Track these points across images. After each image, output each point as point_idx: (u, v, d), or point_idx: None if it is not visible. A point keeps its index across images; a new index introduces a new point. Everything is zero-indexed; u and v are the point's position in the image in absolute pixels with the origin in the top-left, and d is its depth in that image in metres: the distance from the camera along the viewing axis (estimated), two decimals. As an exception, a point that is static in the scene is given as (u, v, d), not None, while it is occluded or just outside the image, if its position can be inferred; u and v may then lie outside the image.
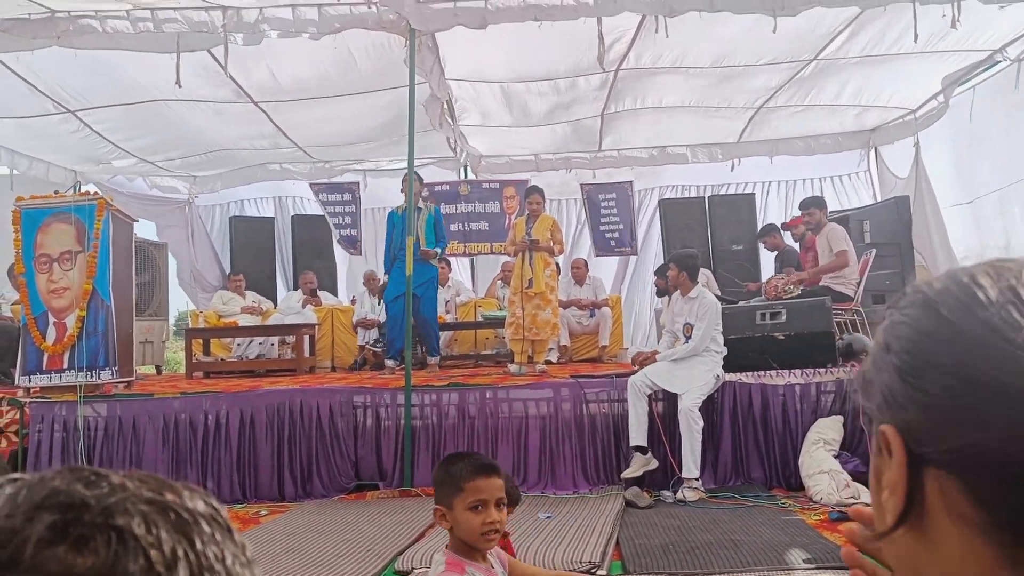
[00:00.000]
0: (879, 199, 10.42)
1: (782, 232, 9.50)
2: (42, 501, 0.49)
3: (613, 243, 11.46)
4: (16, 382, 6.96)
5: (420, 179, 8.17)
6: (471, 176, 11.32)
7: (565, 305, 9.17)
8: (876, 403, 0.66)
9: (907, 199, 9.15)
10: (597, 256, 11.42)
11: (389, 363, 8.06)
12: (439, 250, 8.03)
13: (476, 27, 6.14)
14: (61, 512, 0.48)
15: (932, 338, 0.62)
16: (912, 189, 9.29)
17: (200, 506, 0.54)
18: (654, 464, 5.93)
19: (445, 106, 7.97)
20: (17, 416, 6.52)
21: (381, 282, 8.82)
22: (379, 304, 9.52)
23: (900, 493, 0.62)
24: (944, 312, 0.62)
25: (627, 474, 5.91)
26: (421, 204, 8.05)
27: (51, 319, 6.76)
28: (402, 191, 7.87)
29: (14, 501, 0.49)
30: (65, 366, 6.70)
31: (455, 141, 9.28)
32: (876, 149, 10.59)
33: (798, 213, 8.34)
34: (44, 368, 6.72)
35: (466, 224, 11.06)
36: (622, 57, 7.48)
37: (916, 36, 6.22)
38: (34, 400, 6.60)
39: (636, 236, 11.54)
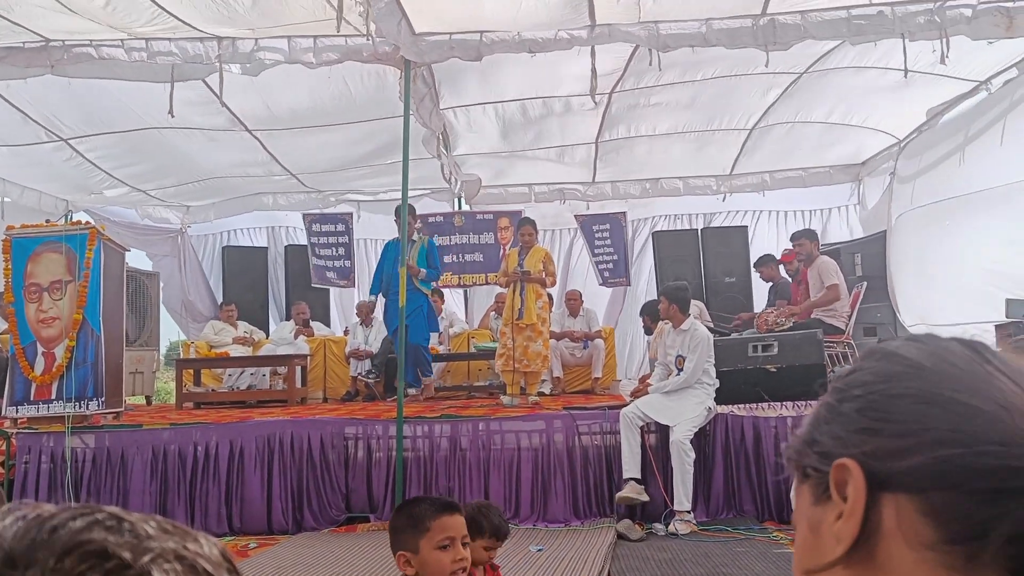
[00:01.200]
0: (866, 232, 10.48)
1: (778, 265, 9.53)
2: (71, 547, 0.47)
3: (607, 274, 11.48)
4: (3, 412, 6.90)
5: (413, 211, 8.28)
6: (465, 207, 11.34)
7: (558, 337, 9.15)
8: (825, 451, 0.69)
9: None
10: (601, 286, 11.44)
11: (411, 391, 8.19)
12: (424, 270, 8.19)
13: (471, 59, 6.18)
14: (91, 564, 0.47)
15: (898, 376, 0.67)
16: (885, 220, 9.37)
17: (218, 556, 0.54)
18: (645, 498, 5.88)
19: (440, 137, 8.00)
20: (4, 447, 6.45)
21: (370, 302, 9.10)
22: (370, 334, 9.52)
23: (857, 517, 0.64)
24: (910, 356, 0.68)
25: (621, 496, 5.84)
26: (415, 236, 8.23)
27: (40, 349, 6.72)
28: (396, 221, 7.99)
29: (32, 543, 0.47)
30: (53, 396, 6.64)
31: (450, 172, 9.31)
32: (863, 181, 10.68)
33: (790, 245, 8.37)
34: (32, 398, 6.66)
35: (460, 255, 11.07)
36: (616, 82, 7.52)
37: (906, 72, 6.28)
38: (21, 431, 6.54)
39: (630, 267, 11.56)
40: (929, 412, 0.63)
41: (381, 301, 8.68)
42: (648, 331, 8.78)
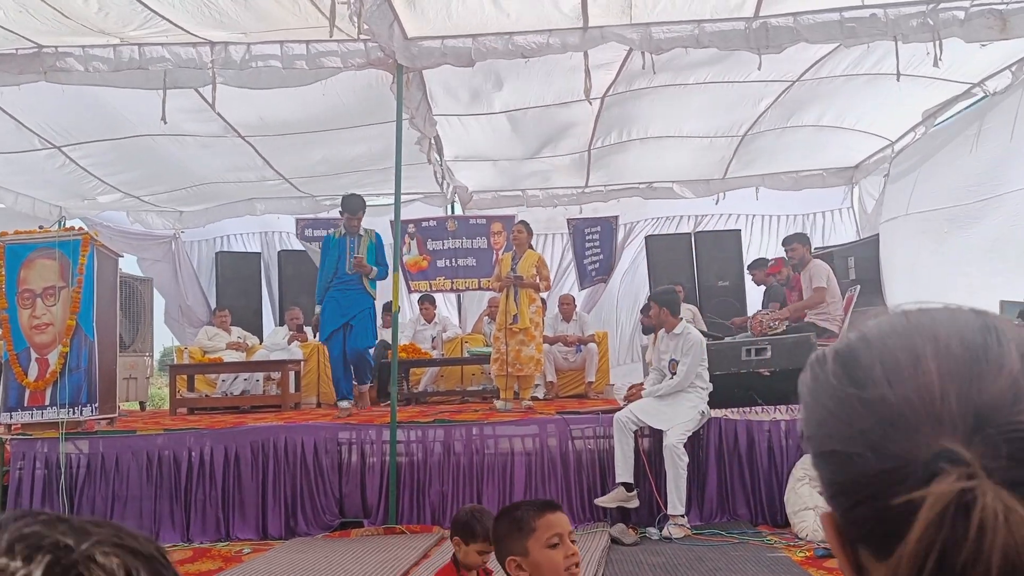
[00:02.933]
0: (862, 235, 10.51)
1: (767, 273, 9.54)
2: (17, 539, 0.51)
3: (594, 273, 11.57)
4: (-4, 419, 6.89)
5: (363, 204, 7.64)
6: (458, 211, 11.35)
7: (551, 341, 9.17)
8: (817, 473, 0.69)
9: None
10: (581, 289, 11.47)
11: (343, 404, 7.45)
12: (376, 269, 7.47)
13: (463, 65, 6.19)
14: (38, 550, 0.51)
15: (805, 425, 0.68)
16: (879, 223, 9.41)
17: (152, 548, 0.57)
18: (635, 503, 5.89)
19: (432, 142, 8.01)
20: (-3, 453, 6.44)
21: (317, 312, 7.72)
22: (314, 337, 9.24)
23: (848, 572, 0.65)
24: (804, 399, 0.68)
25: (601, 501, 5.87)
26: (362, 231, 7.58)
27: (33, 355, 6.71)
28: (341, 213, 7.56)
29: (7, 542, 0.51)
30: (47, 402, 6.63)
31: (442, 177, 9.32)
32: (858, 185, 10.72)
33: (783, 249, 8.39)
34: (25, 404, 6.65)
35: (453, 260, 11.07)
36: (610, 84, 7.53)
37: (898, 75, 6.30)
38: (15, 437, 6.53)
39: (613, 267, 11.61)
40: (823, 467, 0.64)
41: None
42: (646, 331, 8.80)
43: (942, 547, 0.54)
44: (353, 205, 7.54)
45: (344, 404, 7.46)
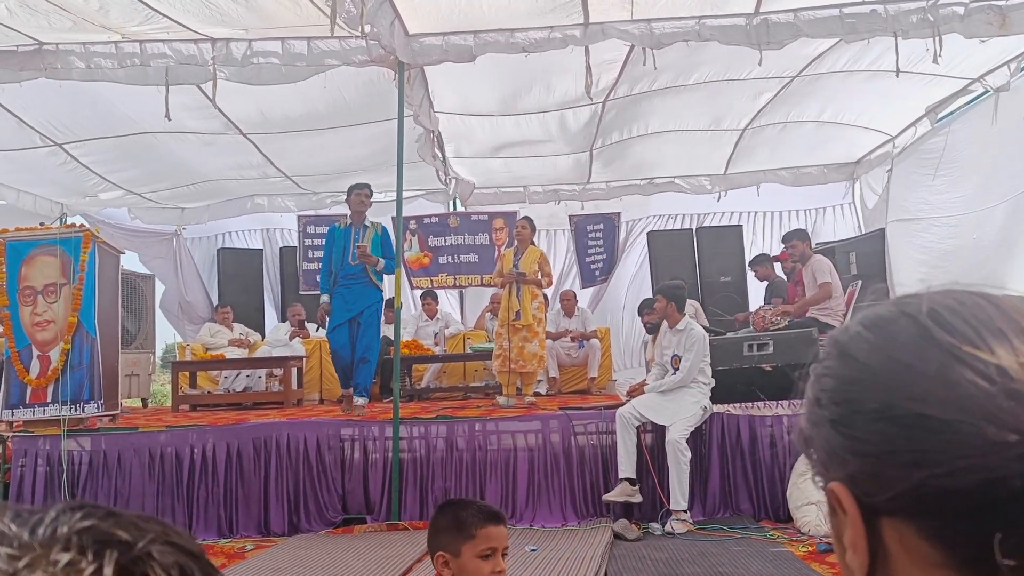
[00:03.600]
0: (864, 231, 10.49)
1: (774, 263, 9.54)
2: (99, 538, 0.50)
3: (597, 272, 11.55)
4: (-1, 416, 6.90)
5: (370, 192, 7.42)
6: (460, 208, 11.34)
7: (554, 337, 9.17)
8: (821, 460, 0.65)
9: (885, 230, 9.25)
10: (583, 288, 11.46)
11: (359, 401, 7.21)
12: (382, 260, 7.17)
13: (464, 61, 6.18)
14: (98, 547, 0.49)
15: (855, 385, 0.62)
16: (885, 218, 9.38)
17: (196, 545, 0.56)
18: (638, 498, 5.90)
19: (434, 139, 7.99)
20: (0, 451, 6.45)
21: (323, 303, 7.49)
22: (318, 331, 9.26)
23: (862, 550, 0.61)
24: (860, 357, 0.62)
25: (608, 496, 5.87)
26: (368, 222, 7.38)
27: (35, 352, 6.72)
28: (347, 201, 7.42)
29: (66, 536, 0.50)
30: (49, 400, 6.64)
31: (444, 173, 9.31)
32: (860, 181, 10.70)
33: (783, 247, 8.39)
34: (27, 402, 6.66)
35: (455, 256, 11.06)
36: (611, 87, 7.53)
37: (898, 71, 6.29)
38: (17, 434, 6.54)
39: (615, 266, 11.60)
40: (889, 432, 0.58)
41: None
42: (650, 330, 8.79)
43: None
44: (349, 191, 7.40)
45: (360, 401, 7.21)
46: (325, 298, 7.41)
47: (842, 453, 0.61)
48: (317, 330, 9.72)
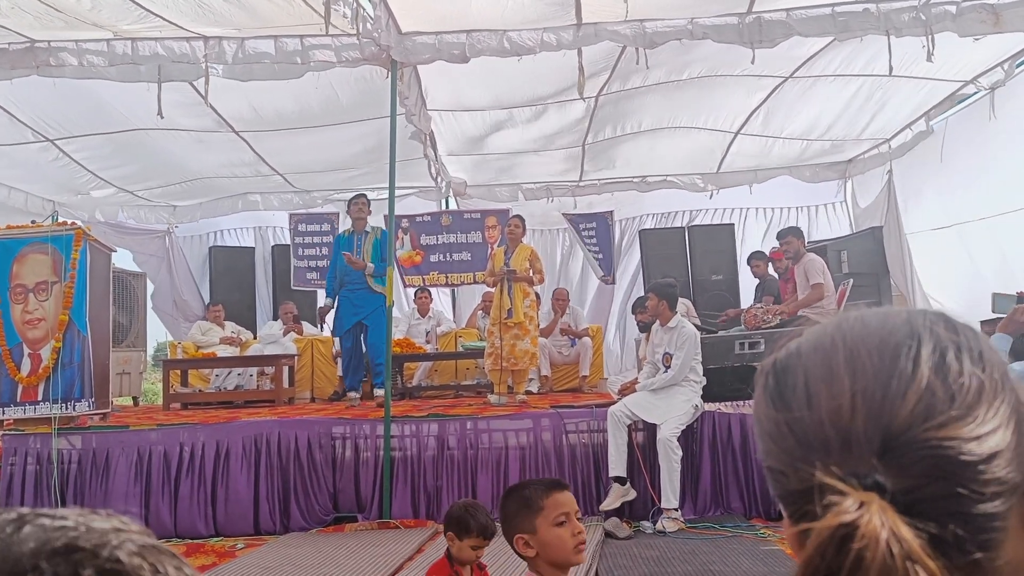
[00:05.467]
0: (856, 229, 10.52)
1: (767, 262, 9.56)
2: (58, 546, 0.52)
3: (601, 272, 11.56)
4: (-10, 414, 6.88)
5: (367, 201, 8.10)
6: (453, 206, 11.34)
7: (547, 332, 9.17)
8: None
9: (882, 229, 9.27)
10: (602, 279, 11.50)
11: (352, 395, 8.05)
12: (372, 265, 7.73)
13: (457, 61, 6.18)
14: (69, 560, 0.51)
15: (757, 437, 0.69)
16: (883, 218, 9.41)
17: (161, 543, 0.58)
18: (632, 494, 5.91)
19: (427, 137, 8.00)
20: (-10, 449, 6.43)
21: (324, 304, 8.34)
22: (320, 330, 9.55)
23: (794, 548, 0.65)
24: (755, 410, 0.71)
25: (605, 506, 5.88)
26: (368, 228, 7.96)
27: (26, 350, 6.70)
28: (348, 213, 7.97)
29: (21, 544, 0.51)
30: (40, 398, 6.62)
31: (437, 171, 9.31)
32: (852, 179, 10.73)
33: (777, 244, 8.40)
34: (18, 400, 6.64)
35: (448, 254, 11.05)
36: (604, 83, 7.53)
37: (891, 69, 6.31)
38: (7, 432, 6.52)
39: (616, 266, 11.61)
40: (768, 476, 0.67)
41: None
42: (642, 328, 8.81)
43: None
44: (349, 202, 7.99)
45: (353, 394, 8.01)
46: (328, 301, 8.00)
47: None
48: (321, 329, 9.75)
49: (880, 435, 0.57)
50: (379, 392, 7.75)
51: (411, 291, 11.12)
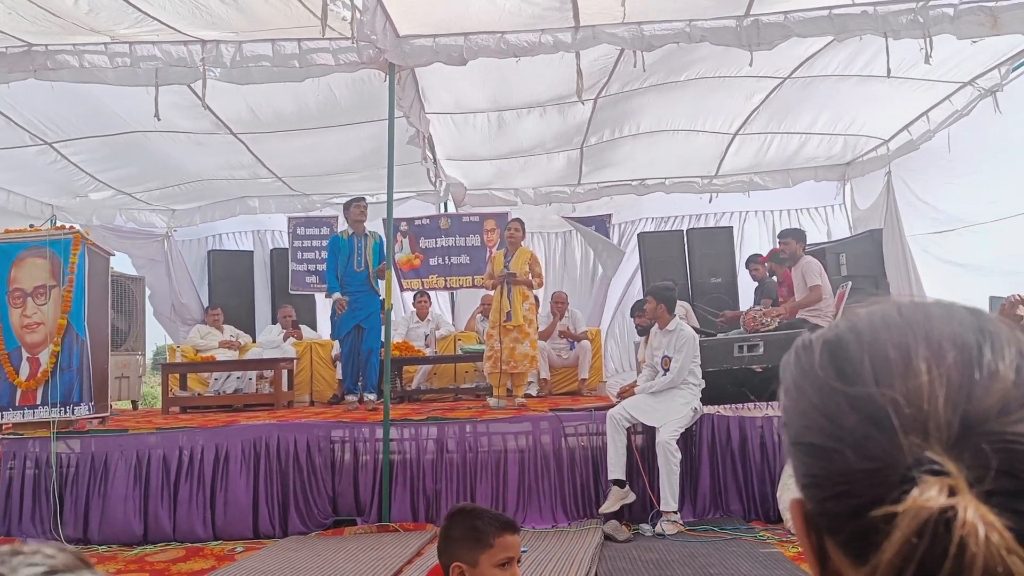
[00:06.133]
0: (854, 231, 10.53)
1: (761, 262, 9.56)
2: None
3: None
4: (-12, 418, 6.87)
5: (366, 204, 8.10)
6: (452, 209, 11.34)
7: (546, 335, 9.17)
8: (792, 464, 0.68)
9: (881, 232, 9.27)
10: (612, 277, 11.49)
11: (351, 398, 8.00)
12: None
13: (455, 63, 6.18)
14: None
15: (783, 412, 0.66)
16: (883, 220, 9.41)
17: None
18: (632, 497, 5.91)
19: (425, 140, 8.00)
20: (-11, 453, 6.43)
21: (337, 298, 7.95)
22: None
23: (811, 561, 0.64)
24: (785, 384, 0.66)
25: (604, 509, 5.88)
26: (367, 232, 7.97)
27: (24, 354, 6.69)
28: (345, 216, 7.97)
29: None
30: (38, 402, 6.62)
31: (435, 175, 9.31)
32: (850, 182, 10.74)
33: (777, 244, 8.40)
34: (17, 404, 6.64)
35: (447, 258, 11.04)
36: (603, 85, 7.54)
37: (889, 71, 6.32)
38: (6, 436, 6.51)
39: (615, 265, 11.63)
40: (799, 457, 0.63)
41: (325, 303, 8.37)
42: (641, 332, 8.80)
43: (921, 562, 0.53)
44: (348, 205, 7.95)
45: (351, 398, 7.95)
46: (338, 294, 7.80)
47: (795, 472, 0.65)
48: (334, 315, 9.62)
49: (959, 422, 0.56)
50: (370, 396, 7.88)
51: (409, 295, 11.10)
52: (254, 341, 10.38)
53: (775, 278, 9.11)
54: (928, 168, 8.77)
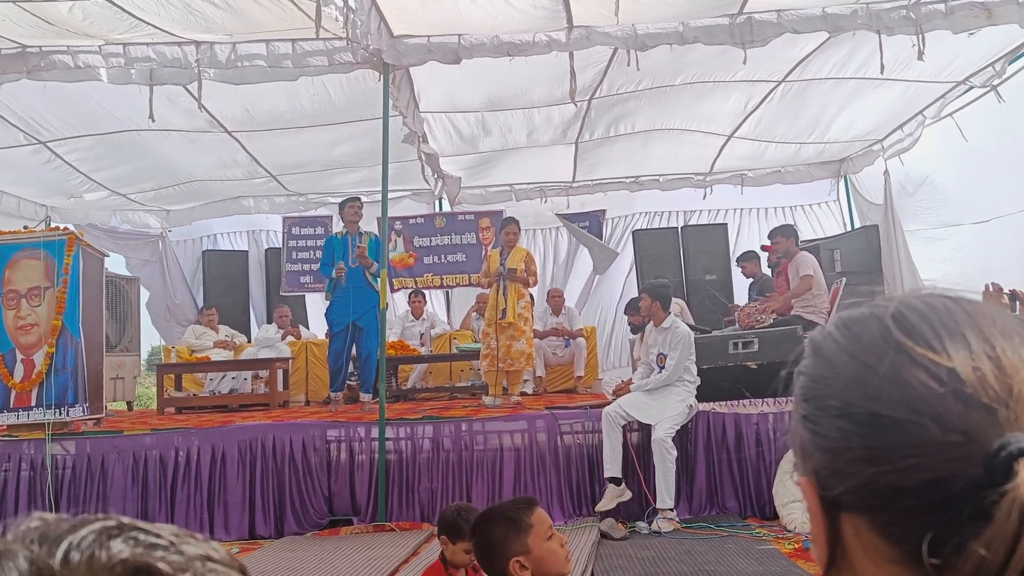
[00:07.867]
0: (849, 228, 10.54)
1: (760, 259, 9.55)
2: (139, 563, 0.49)
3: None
4: (-17, 420, 6.86)
5: (361, 203, 8.00)
6: (447, 208, 11.33)
7: (542, 335, 9.17)
8: (797, 455, 0.67)
9: (876, 228, 9.28)
10: (599, 275, 11.49)
11: (337, 396, 7.91)
12: (376, 263, 7.51)
13: (449, 62, 6.18)
14: None
15: (820, 383, 0.64)
16: (880, 216, 9.43)
17: (238, 565, 0.56)
18: (628, 495, 5.91)
19: (419, 140, 7.99)
20: (-16, 455, 6.41)
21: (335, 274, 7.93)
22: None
23: (821, 543, 0.63)
24: (828, 356, 0.65)
25: (600, 507, 5.89)
26: (361, 230, 7.85)
27: (19, 356, 6.68)
28: (341, 215, 7.93)
29: (105, 567, 0.49)
30: (33, 403, 6.61)
31: (430, 173, 9.30)
32: (847, 177, 10.74)
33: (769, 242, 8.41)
34: (11, 406, 6.63)
35: (442, 256, 11.04)
36: (595, 87, 7.54)
37: (882, 67, 6.33)
38: (1, 438, 6.50)
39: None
40: (847, 429, 0.60)
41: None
42: (634, 330, 8.80)
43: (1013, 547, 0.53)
44: (343, 204, 7.91)
45: (335, 395, 7.87)
46: (334, 273, 7.71)
47: (810, 448, 0.64)
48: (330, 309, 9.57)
49: None
50: (365, 396, 7.82)
51: (400, 294, 11.07)
52: (249, 341, 10.36)
53: (769, 273, 9.11)
54: (926, 167, 8.78)
